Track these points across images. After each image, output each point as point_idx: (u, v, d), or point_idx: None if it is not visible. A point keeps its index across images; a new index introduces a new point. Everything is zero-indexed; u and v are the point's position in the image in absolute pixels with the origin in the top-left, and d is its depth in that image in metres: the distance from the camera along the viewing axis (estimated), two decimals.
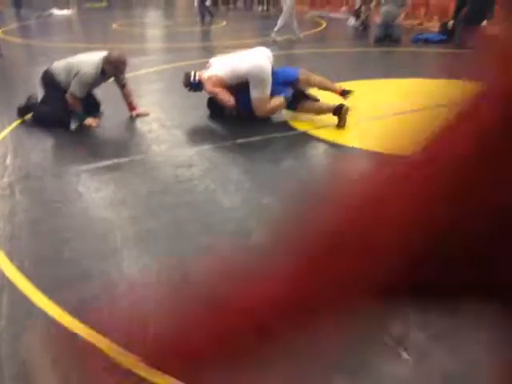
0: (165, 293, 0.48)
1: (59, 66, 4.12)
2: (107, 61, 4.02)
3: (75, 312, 1.85)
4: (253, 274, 0.38)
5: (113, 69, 4.07)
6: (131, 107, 4.39)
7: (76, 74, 3.96)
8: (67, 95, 3.99)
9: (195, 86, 4.19)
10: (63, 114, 4.06)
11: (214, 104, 4.26)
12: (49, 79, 4.15)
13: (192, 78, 4.19)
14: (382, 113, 4.41)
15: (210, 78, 4.04)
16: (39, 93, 4.29)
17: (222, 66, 4.10)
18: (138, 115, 4.36)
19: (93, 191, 2.91)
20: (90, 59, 4.04)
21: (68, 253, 2.25)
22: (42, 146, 3.66)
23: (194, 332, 0.39)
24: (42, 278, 2.08)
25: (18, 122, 4.18)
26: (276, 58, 4.63)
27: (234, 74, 4.02)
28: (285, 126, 4.11)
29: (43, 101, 4.22)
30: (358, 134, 3.92)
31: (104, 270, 2.12)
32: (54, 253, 2.26)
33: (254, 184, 3.03)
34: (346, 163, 3.41)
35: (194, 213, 2.63)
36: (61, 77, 4.07)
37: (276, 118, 4.31)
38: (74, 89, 3.97)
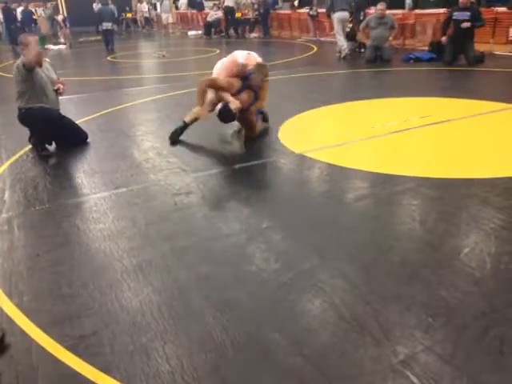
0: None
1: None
2: (22, 51, 4.15)
3: (75, 348, 1.83)
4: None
5: (24, 49, 4.09)
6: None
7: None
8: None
9: None
10: (37, 141, 4.26)
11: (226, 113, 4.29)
12: (18, 116, 4.26)
13: None
14: (377, 132, 4.44)
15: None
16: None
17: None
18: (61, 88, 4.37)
19: (91, 223, 2.90)
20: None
21: (67, 287, 2.23)
22: (40, 180, 3.67)
23: None
24: (40, 314, 2.05)
25: (16, 157, 4.20)
26: (274, 81, 4.68)
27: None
28: (281, 149, 4.13)
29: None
30: (354, 154, 3.94)
31: (103, 304, 2.09)
32: (53, 288, 2.24)
33: (252, 209, 3.02)
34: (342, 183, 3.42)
35: (193, 241, 2.62)
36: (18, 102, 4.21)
37: (271, 141, 4.34)
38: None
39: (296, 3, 16.54)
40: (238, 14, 16.44)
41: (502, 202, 2.94)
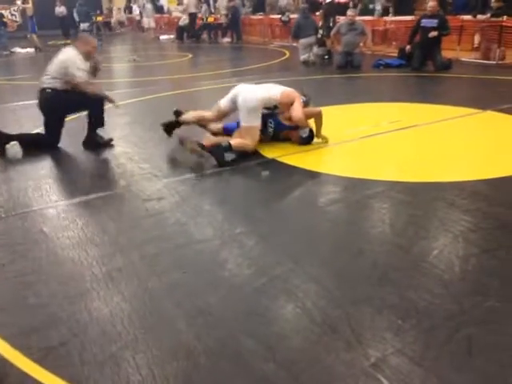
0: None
1: (51, 74, 4.27)
2: (78, 43, 4.39)
3: (43, 360, 1.77)
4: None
5: (83, 45, 4.34)
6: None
7: (66, 69, 4.16)
8: (79, 83, 4.11)
9: None
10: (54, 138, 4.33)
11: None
12: (45, 97, 4.29)
13: None
14: (348, 137, 4.50)
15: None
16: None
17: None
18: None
19: (59, 231, 2.83)
20: (66, 54, 4.28)
21: (33, 297, 2.16)
22: (6, 186, 3.56)
23: None
24: (6, 325, 1.98)
25: None
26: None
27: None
28: (253, 154, 4.12)
29: (45, 125, 4.40)
30: (324, 159, 3.98)
31: (72, 314, 2.03)
32: (19, 298, 2.17)
33: (225, 215, 3.01)
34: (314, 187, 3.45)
35: (164, 247, 2.58)
36: (56, 83, 4.25)
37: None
38: (78, 75, 4.12)
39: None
40: (210, 19, 16.43)
41: (469, 205, 3.01)
